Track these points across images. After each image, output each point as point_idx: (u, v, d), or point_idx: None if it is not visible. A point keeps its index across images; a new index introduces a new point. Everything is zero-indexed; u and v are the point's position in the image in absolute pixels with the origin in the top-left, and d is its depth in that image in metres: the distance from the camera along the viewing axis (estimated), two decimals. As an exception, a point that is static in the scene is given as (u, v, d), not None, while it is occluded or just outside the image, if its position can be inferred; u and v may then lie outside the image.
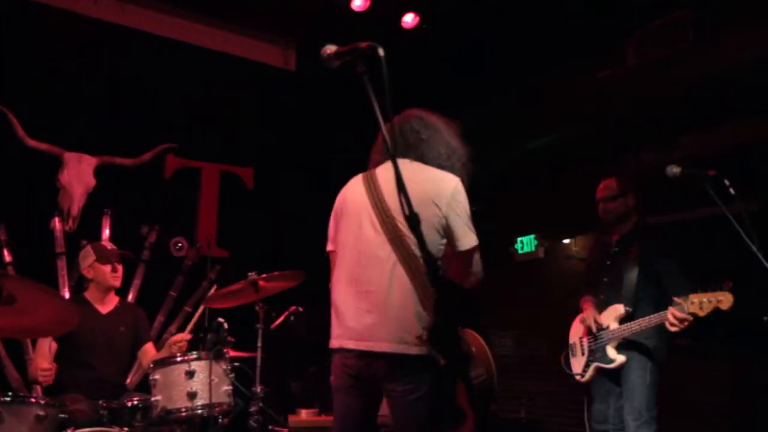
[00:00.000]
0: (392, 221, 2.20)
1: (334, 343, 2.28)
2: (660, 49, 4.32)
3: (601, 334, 3.53)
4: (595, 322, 3.55)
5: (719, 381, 4.49)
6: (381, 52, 1.64)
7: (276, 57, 5.81)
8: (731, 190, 2.85)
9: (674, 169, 3.05)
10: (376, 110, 1.71)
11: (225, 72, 5.45)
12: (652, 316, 3.32)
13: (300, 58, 5.77)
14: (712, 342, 4.18)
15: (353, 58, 1.72)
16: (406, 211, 1.67)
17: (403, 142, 2.34)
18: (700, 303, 3.12)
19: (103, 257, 3.68)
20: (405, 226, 2.13)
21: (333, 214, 2.47)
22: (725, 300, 3.07)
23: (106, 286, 3.71)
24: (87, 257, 3.73)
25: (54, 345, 3.47)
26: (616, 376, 3.51)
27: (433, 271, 1.98)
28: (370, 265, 2.21)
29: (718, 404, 4.45)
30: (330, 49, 1.78)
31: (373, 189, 2.30)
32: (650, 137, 4.95)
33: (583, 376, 3.65)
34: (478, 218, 2.41)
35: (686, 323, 3.17)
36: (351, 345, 2.22)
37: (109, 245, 3.79)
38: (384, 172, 2.32)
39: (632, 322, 3.41)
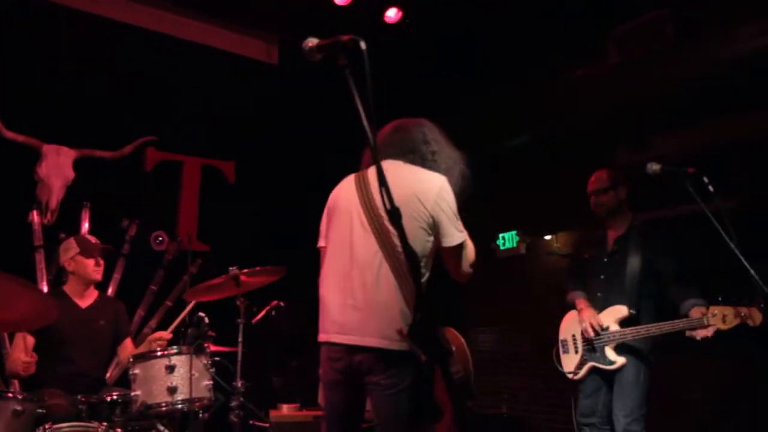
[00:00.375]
0: (379, 219, 2.27)
1: (322, 336, 2.34)
2: (640, 47, 4.34)
3: (601, 335, 3.46)
4: (597, 323, 3.48)
5: (700, 378, 4.55)
6: (363, 45, 1.64)
7: (259, 50, 5.77)
8: (710, 188, 2.89)
9: (654, 166, 3.08)
10: (357, 104, 1.70)
11: (207, 65, 5.40)
12: (662, 324, 3.26)
13: (283, 52, 5.74)
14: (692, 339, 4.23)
15: (335, 52, 1.71)
16: (387, 206, 1.67)
17: (409, 146, 2.45)
18: (723, 316, 3.09)
19: (86, 250, 3.65)
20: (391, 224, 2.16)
21: (325, 211, 2.53)
22: (755, 317, 3.04)
23: (87, 279, 3.68)
24: (69, 249, 3.69)
25: (30, 338, 3.42)
26: (607, 373, 3.48)
27: (415, 267, 1.95)
28: (358, 262, 2.28)
29: (700, 401, 4.51)
30: (312, 42, 1.77)
31: (363, 188, 2.37)
32: (630, 135, 5.00)
33: (576, 374, 3.60)
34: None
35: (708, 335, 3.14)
36: (337, 339, 2.29)
37: (93, 239, 3.76)
38: (375, 172, 2.35)
39: (640, 327, 3.35)
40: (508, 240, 6.05)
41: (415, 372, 2.23)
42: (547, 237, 5.80)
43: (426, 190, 2.32)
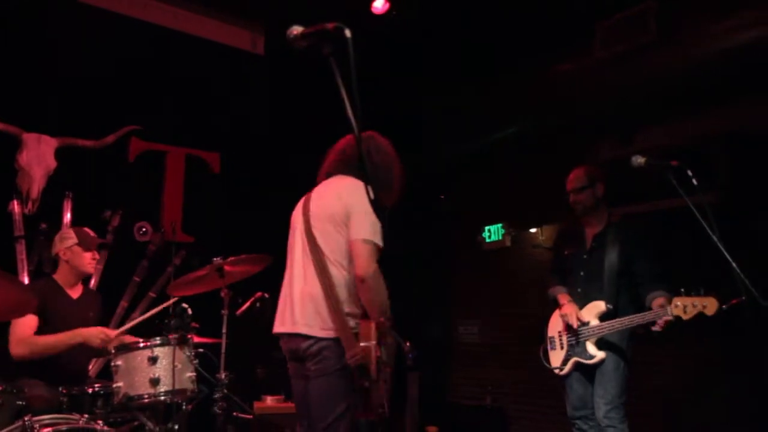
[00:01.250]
0: (309, 226, 2.66)
1: (275, 330, 2.74)
2: (624, 41, 4.36)
3: (581, 330, 3.55)
4: (577, 318, 3.55)
5: (675, 367, 4.61)
6: (348, 33, 1.61)
7: (244, 41, 5.73)
8: (694, 181, 2.90)
9: (639, 159, 3.09)
10: (342, 93, 1.68)
11: (192, 54, 5.34)
12: (633, 316, 3.36)
13: (268, 43, 5.69)
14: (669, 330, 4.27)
15: (319, 40, 1.69)
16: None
17: (353, 162, 2.71)
18: (684, 307, 3.17)
19: (85, 243, 3.62)
20: (317, 230, 2.63)
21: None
22: (710, 306, 3.13)
23: (80, 271, 3.65)
24: (66, 239, 3.64)
25: (33, 318, 3.40)
26: (589, 367, 3.57)
27: (335, 266, 2.55)
28: (296, 267, 2.70)
29: (672, 389, 4.57)
30: (296, 30, 1.75)
31: (306, 202, 2.76)
32: (615, 128, 5.03)
33: (561, 369, 3.67)
34: (444, 206, 2.44)
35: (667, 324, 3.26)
36: (281, 329, 2.69)
37: (92, 232, 3.73)
38: (320, 186, 2.79)
39: (614, 321, 3.44)
40: (493, 233, 6.07)
41: (340, 359, 2.50)
42: (533, 230, 5.83)
43: (344, 188, 2.63)
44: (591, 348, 3.52)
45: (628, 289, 3.53)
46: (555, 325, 3.75)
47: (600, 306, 3.52)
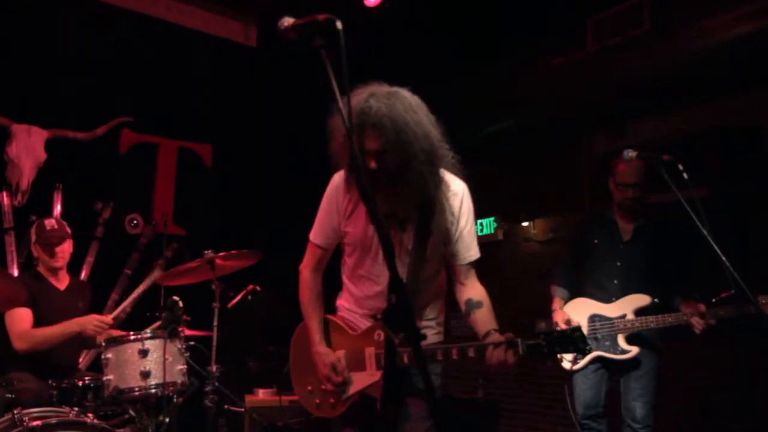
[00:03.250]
0: None
1: None
2: (617, 34, 4.36)
3: (615, 322, 3.38)
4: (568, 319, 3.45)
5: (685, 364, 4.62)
6: (339, 25, 1.60)
7: (237, 32, 5.70)
8: (684, 175, 2.91)
9: (630, 153, 3.09)
10: (333, 85, 1.67)
11: (185, 46, 5.32)
12: (665, 316, 3.25)
13: (261, 34, 5.66)
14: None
15: (310, 31, 1.68)
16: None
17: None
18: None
19: (40, 239, 3.56)
20: None
21: None
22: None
23: (47, 267, 3.62)
24: (32, 235, 3.64)
25: (27, 311, 3.40)
26: (616, 363, 3.42)
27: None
28: None
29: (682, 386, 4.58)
30: (287, 21, 1.74)
31: None
32: (608, 122, 5.03)
33: (576, 363, 3.47)
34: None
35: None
36: None
37: (50, 225, 3.59)
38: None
39: (650, 317, 3.30)
40: (486, 226, 6.07)
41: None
42: (525, 224, 5.83)
43: None
44: (623, 343, 3.35)
45: (661, 288, 3.41)
46: (573, 315, 3.53)
47: (643, 299, 3.36)
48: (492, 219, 6.02)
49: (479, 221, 6.11)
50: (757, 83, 4.16)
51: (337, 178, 2.36)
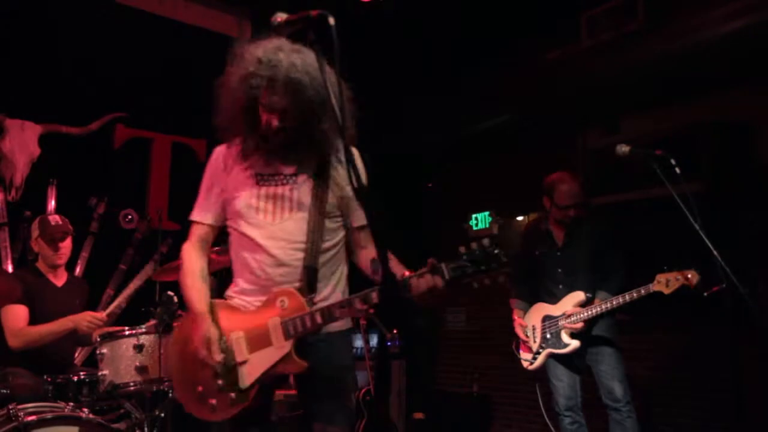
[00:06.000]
0: None
1: None
2: (612, 29, 4.37)
3: (558, 319, 3.63)
4: (525, 327, 3.78)
5: (658, 354, 4.66)
6: (331, 20, 1.61)
7: (230, 26, 5.67)
8: (677, 170, 2.93)
9: (623, 148, 3.12)
10: (325, 81, 1.68)
11: (178, 40, 5.29)
12: (612, 299, 3.42)
13: (255, 28, 5.64)
14: (652, 317, 4.33)
15: (303, 27, 1.69)
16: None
17: None
18: (666, 281, 3.23)
19: (44, 233, 3.57)
20: None
21: None
22: (692, 277, 3.18)
23: (48, 263, 3.62)
24: (34, 230, 3.65)
25: (23, 308, 3.41)
26: (577, 360, 3.66)
27: None
28: None
29: (655, 377, 4.62)
30: (280, 17, 1.75)
31: None
32: (601, 117, 5.05)
33: (532, 363, 3.75)
34: (431, 194, 2.42)
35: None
36: None
37: (54, 221, 3.64)
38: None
39: (591, 306, 3.52)
40: (480, 220, 6.10)
41: None
42: (520, 218, 5.85)
43: None
44: (565, 338, 3.60)
45: (603, 278, 3.62)
46: (529, 321, 3.82)
47: (579, 296, 3.59)
48: (486, 213, 6.04)
49: (474, 215, 6.13)
50: (751, 78, 4.18)
51: (220, 147, 2.35)
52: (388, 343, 5.54)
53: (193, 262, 2.26)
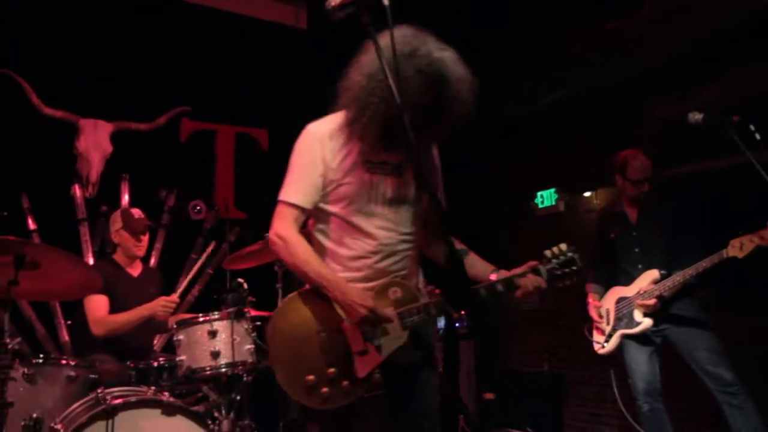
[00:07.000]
0: None
1: None
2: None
3: (630, 300, 3.55)
4: (600, 309, 3.70)
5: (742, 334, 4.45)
6: (386, 1, 1.59)
7: (287, 15, 5.72)
8: (757, 136, 2.76)
9: (696, 116, 2.96)
10: (383, 62, 1.67)
11: (236, 32, 5.37)
12: (687, 270, 3.31)
13: (311, 16, 5.67)
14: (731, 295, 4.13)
15: (357, 10, 1.68)
16: None
17: None
18: (741, 244, 3.10)
19: (128, 226, 3.75)
20: None
21: None
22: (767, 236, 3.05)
23: (129, 254, 3.79)
24: (115, 222, 3.83)
25: (104, 298, 3.59)
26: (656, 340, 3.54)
27: None
28: None
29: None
30: (334, 0, 1.74)
31: None
32: (668, 87, 4.83)
33: (604, 346, 3.66)
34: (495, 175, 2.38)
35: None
36: None
37: (137, 214, 3.85)
38: None
39: (666, 280, 3.42)
40: (546, 198, 5.96)
41: None
42: (587, 194, 5.69)
43: None
44: (637, 316, 3.50)
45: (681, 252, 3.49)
46: (604, 304, 3.74)
47: (653, 274, 3.49)
48: (553, 190, 5.90)
49: (539, 193, 6.00)
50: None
51: (318, 127, 2.20)
52: (456, 325, 5.52)
53: (306, 243, 2.14)
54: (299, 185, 2.16)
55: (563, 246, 2.14)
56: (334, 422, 2.08)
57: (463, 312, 5.47)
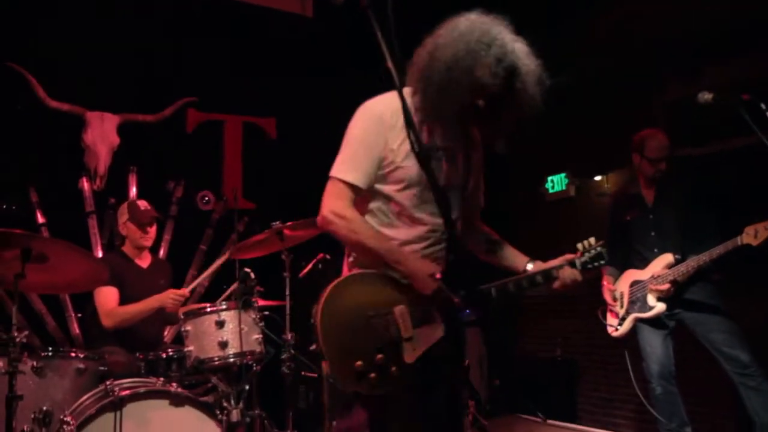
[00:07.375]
0: None
1: None
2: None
3: (644, 283, 3.52)
4: (614, 292, 3.68)
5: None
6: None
7: (293, 3, 5.68)
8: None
9: (706, 95, 2.92)
10: (381, 45, 1.63)
11: (242, 21, 5.35)
12: (701, 256, 3.28)
13: (317, 4, 5.63)
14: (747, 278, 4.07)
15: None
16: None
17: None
18: (755, 231, 3.08)
19: (134, 218, 3.76)
20: None
21: None
22: None
23: (136, 245, 3.80)
24: (122, 214, 3.85)
25: (114, 290, 3.62)
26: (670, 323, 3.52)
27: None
28: None
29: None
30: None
31: None
32: (680, 68, 4.74)
33: (617, 329, 3.64)
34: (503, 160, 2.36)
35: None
36: None
37: (143, 206, 3.85)
38: None
39: (674, 267, 3.40)
40: (557, 183, 5.90)
41: None
42: (598, 178, 5.62)
43: None
44: (651, 300, 3.48)
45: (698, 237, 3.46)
46: (618, 287, 3.71)
47: (667, 258, 3.46)
48: (563, 175, 5.84)
49: (550, 178, 5.94)
50: None
51: (378, 105, 2.09)
52: (466, 312, 5.49)
53: (367, 221, 2.09)
54: (357, 164, 2.06)
55: (592, 240, 2.25)
56: (383, 406, 2.04)
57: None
